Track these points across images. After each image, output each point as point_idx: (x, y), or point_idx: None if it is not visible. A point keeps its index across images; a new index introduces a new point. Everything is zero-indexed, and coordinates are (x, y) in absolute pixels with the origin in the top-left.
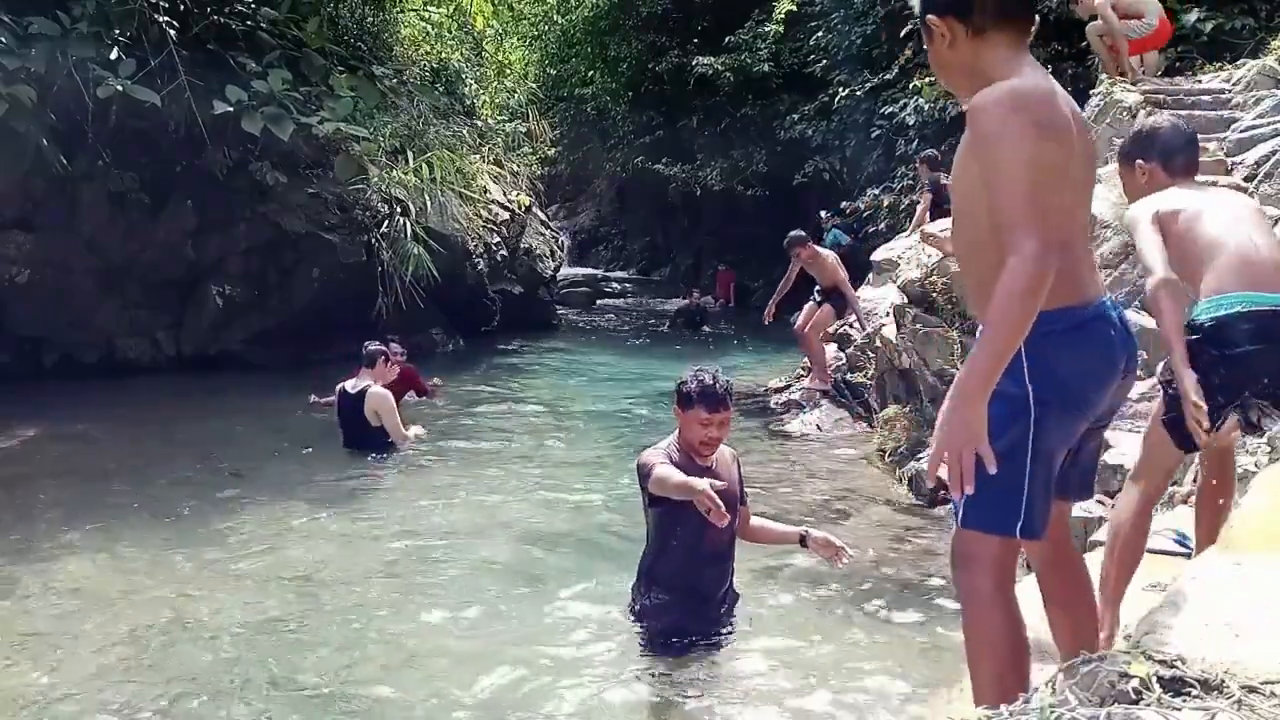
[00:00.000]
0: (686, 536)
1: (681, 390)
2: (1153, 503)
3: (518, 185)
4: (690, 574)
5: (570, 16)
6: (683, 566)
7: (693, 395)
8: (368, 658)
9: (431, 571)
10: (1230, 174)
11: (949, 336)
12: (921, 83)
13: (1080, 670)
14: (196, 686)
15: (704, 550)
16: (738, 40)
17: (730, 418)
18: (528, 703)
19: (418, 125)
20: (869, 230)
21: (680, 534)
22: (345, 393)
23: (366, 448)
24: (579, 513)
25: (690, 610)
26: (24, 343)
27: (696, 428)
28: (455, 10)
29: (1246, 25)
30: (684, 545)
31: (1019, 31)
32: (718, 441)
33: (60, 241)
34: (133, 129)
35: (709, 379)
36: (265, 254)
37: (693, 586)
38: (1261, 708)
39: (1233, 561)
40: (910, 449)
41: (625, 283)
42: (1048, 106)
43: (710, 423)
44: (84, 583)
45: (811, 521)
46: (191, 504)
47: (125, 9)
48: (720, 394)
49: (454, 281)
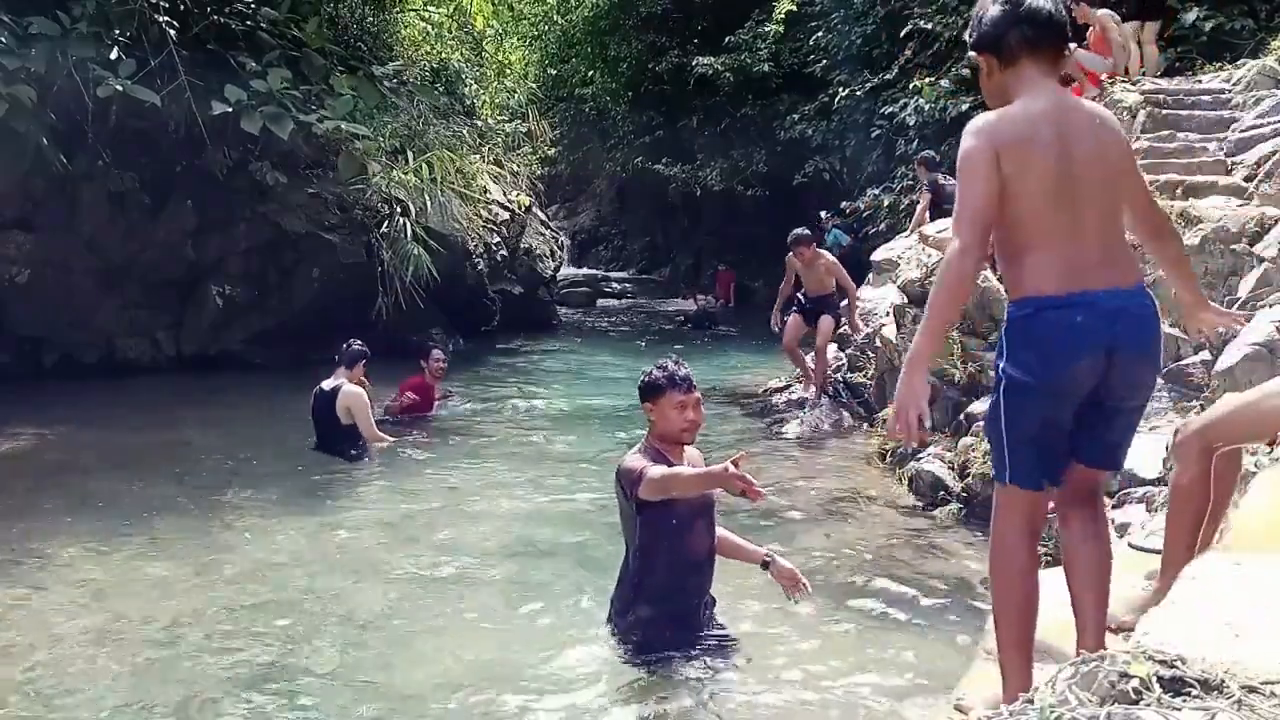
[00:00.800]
0: (673, 544)
1: (648, 383)
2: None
3: (518, 185)
4: (676, 582)
5: (570, 16)
6: (669, 575)
7: (661, 382)
8: (364, 663)
9: (430, 573)
10: (1230, 174)
11: (949, 336)
12: (921, 83)
13: (1080, 670)
14: (195, 685)
15: (689, 557)
16: (738, 40)
17: (702, 401)
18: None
19: (418, 125)
20: (869, 230)
21: (666, 542)
22: (320, 391)
23: (337, 447)
24: (578, 513)
25: (677, 620)
26: (24, 343)
27: (674, 414)
28: (455, 10)
29: (1246, 25)
30: (670, 553)
31: (1049, 60)
32: (697, 425)
33: (60, 241)
34: (133, 129)
35: (670, 364)
36: (265, 254)
37: (679, 595)
38: (1261, 708)
39: (1233, 561)
40: (910, 449)
41: (625, 283)
42: (1007, 126)
43: (687, 404)
44: (83, 581)
45: (811, 522)
46: (192, 504)
47: (125, 9)
48: (687, 374)
49: (454, 281)
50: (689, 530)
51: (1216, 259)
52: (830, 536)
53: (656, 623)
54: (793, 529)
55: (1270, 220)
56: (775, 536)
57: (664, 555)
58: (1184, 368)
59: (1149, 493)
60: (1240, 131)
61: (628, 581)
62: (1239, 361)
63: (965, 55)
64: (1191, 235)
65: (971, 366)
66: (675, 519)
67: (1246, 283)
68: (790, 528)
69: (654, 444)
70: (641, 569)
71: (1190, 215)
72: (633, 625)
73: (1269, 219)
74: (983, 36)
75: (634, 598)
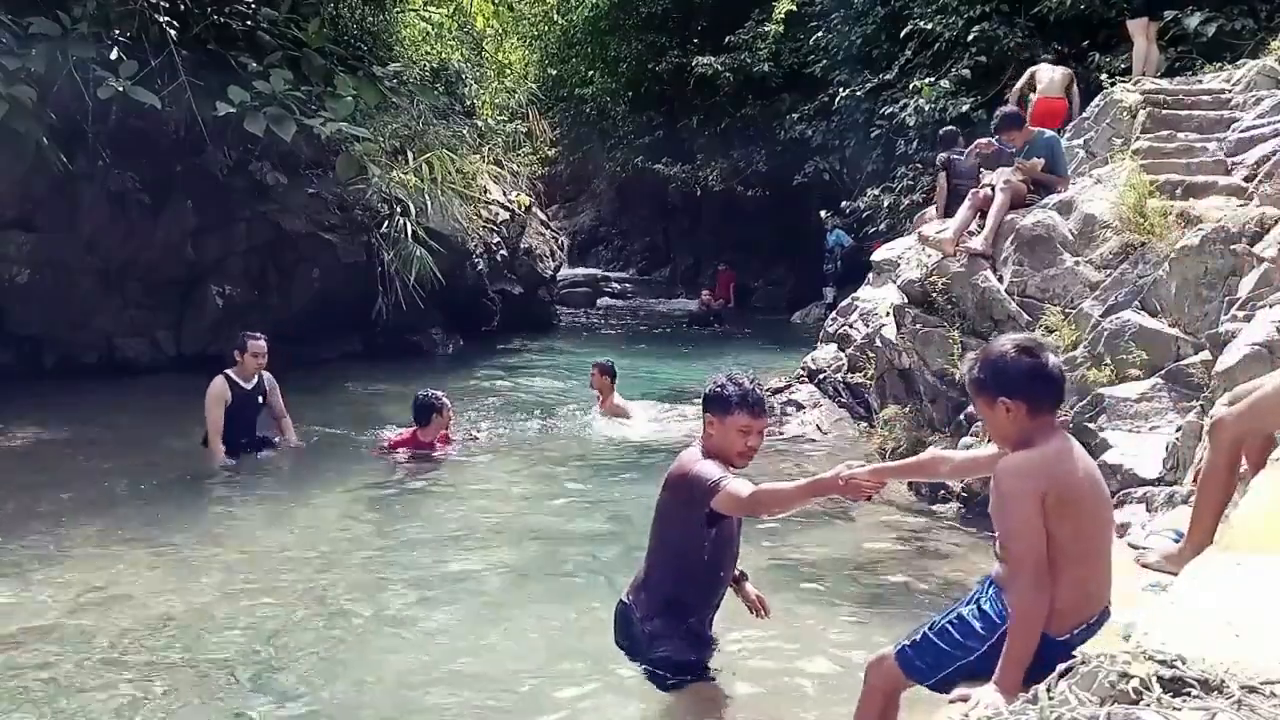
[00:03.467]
0: (716, 558)
1: (720, 395)
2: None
3: (518, 185)
4: (706, 596)
5: (570, 16)
6: (704, 588)
7: (733, 400)
8: (364, 662)
9: (427, 573)
10: (1230, 174)
11: (949, 336)
12: (921, 83)
13: (1080, 670)
14: (193, 684)
15: (722, 571)
16: (738, 40)
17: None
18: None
19: (418, 125)
20: (868, 230)
21: (711, 556)
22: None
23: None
24: (577, 514)
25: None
26: (24, 343)
27: (735, 436)
28: (455, 10)
29: (1246, 26)
30: (710, 568)
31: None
32: (754, 452)
33: (60, 241)
34: (133, 129)
35: (747, 384)
36: (265, 254)
37: (705, 609)
38: (1261, 708)
39: (1233, 561)
40: (910, 449)
41: (625, 283)
42: (1058, 468)
43: (750, 430)
44: (83, 580)
45: (811, 522)
46: (192, 503)
47: (125, 9)
48: (762, 398)
49: (454, 281)
50: (729, 547)
51: (1216, 259)
52: (830, 536)
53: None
54: (792, 529)
55: (1270, 220)
56: (775, 537)
57: (706, 571)
58: (1184, 368)
59: (1149, 493)
60: (1240, 131)
61: (657, 591)
62: (1239, 361)
63: (965, 55)
64: (1191, 235)
65: None
66: (725, 538)
67: (1246, 283)
68: (790, 528)
69: (711, 454)
70: (677, 579)
71: (1190, 215)
72: (654, 635)
73: (1269, 219)
74: (1011, 384)
75: (660, 608)
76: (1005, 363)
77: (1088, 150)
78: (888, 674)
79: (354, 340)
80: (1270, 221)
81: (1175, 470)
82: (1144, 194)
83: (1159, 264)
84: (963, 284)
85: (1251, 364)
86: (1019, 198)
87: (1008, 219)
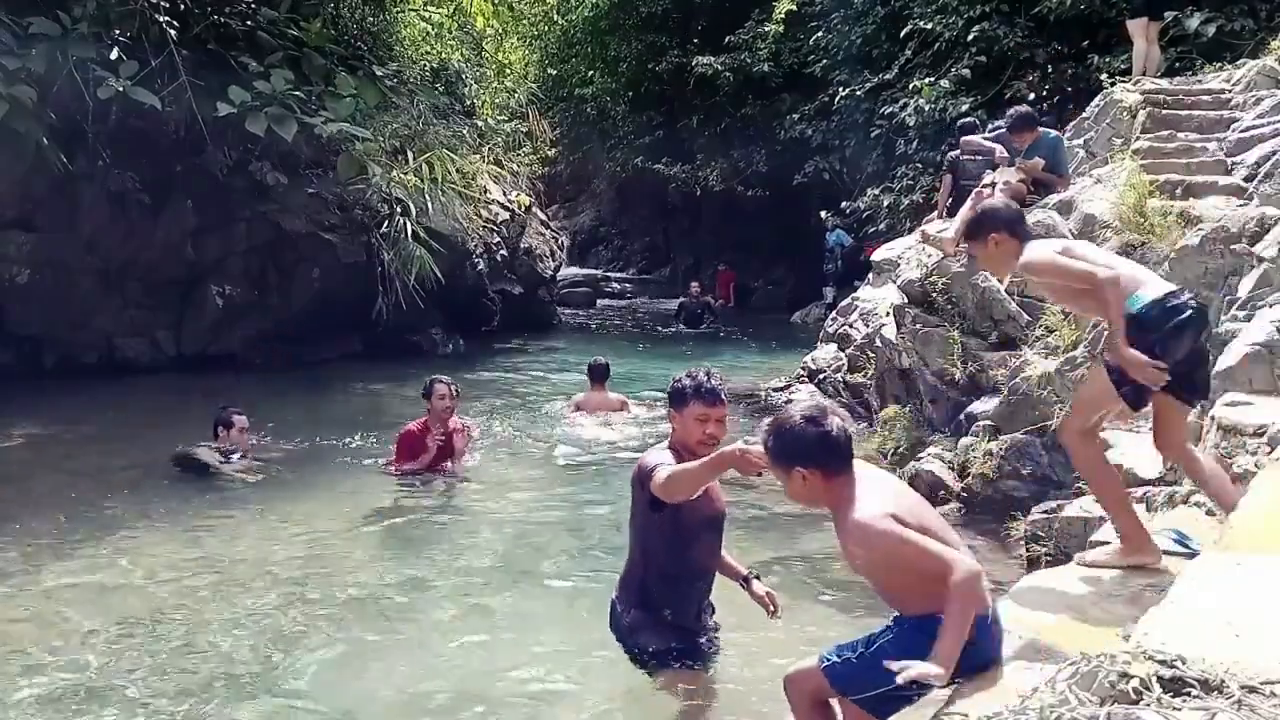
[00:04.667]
0: (680, 553)
1: (677, 388)
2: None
3: (518, 185)
4: (679, 589)
5: (570, 16)
6: (672, 582)
7: (687, 391)
8: (363, 662)
9: (427, 573)
10: (1230, 174)
11: (949, 336)
12: (921, 83)
13: (1080, 670)
14: (193, 685)
15: (694, 567)
16: (738, 40)
17: (726, 416)
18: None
19: (418, 125)
20: (869, 230)
21: (673, 550)
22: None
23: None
24: (578, 513)
25: (677, 624)
26: (24, 343)
27: (694, 425)
28: (455, 10)
29: (1246, 26)
30: (676, 562)
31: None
32: (716, 441)
33: (60, 241)
34: (133, 129)
35: (702, 375)
36: (265, 254)
37: (681, 601)
38: (1261, 708)
39: (1233, 561)
40: (910, 449)
41: (625, 283)
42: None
43: (708, 418)
44: (82, 579)
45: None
46: (192, 503)
47: (125, 9)
48: (715, 388)
49: (454, 281)
50: (696, 541)
51: (1216, 259)
52: (830, 536)
53: (657, 626)
54: (792, 529)
55: (1270, 220)
56: (775, 537)
57: (669, 561)
58: None
59: (1149, 493)
60: (1240, 131)
61: (632, 583)
62: (1239, 361)
63: (965, 55)
64: (1191, 235)
65: (972, 366)
66: (684, 528)
67: (1246, 283)
68: (790, 528)
69: (672, 448)
70: (645, 571)
71: (1190, 215)
72: (633, 627)
73: (1269, 219)
74: (804, 454)
75: (637, 599)
76: (795, 434)
77: (1088, 150)
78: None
79: (354, 340)
80: (1270, 221)
81: (1175, 470)
82: (1144, 194)
83: (1159, 264)
84: (963, 284)
85: (1251, 364)
86: (1019, 198)
87: None
